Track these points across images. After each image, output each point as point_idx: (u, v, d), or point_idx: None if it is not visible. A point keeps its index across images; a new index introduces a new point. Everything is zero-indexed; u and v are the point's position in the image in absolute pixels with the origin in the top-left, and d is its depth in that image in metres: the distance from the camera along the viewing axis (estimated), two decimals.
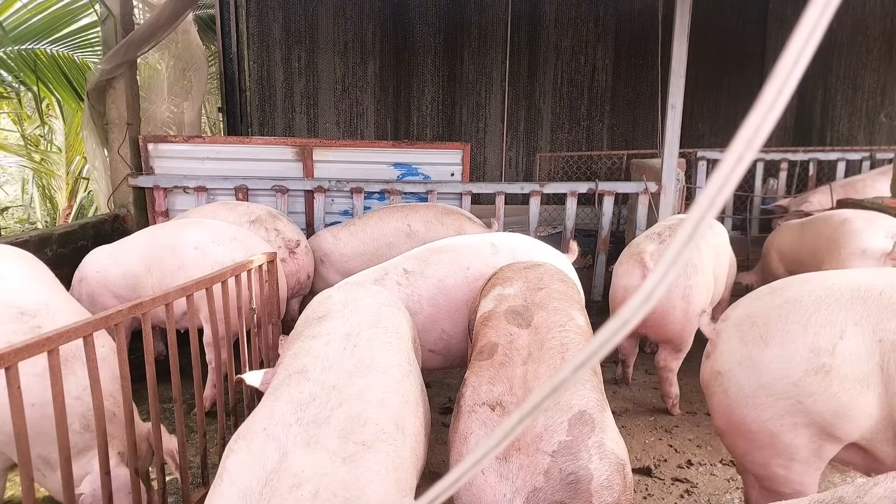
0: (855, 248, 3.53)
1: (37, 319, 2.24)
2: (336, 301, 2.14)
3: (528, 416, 0.55)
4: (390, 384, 1.74)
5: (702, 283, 3.39)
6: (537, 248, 3.17)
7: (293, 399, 1.61)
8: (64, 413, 1.85)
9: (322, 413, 1.56)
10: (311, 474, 1.41)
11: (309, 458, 1.44)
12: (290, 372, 1.74)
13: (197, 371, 2.60)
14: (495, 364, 1.87)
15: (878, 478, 1.10)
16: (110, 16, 4.83)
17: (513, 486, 1.54)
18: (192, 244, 3.44)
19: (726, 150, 0.44)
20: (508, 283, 2.33)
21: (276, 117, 8.35)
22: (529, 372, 1.82)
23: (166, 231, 3.65)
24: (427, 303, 2.93)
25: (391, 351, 1.88)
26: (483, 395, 1.78)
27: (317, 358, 1.77)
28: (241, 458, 1.47)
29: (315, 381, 1.67)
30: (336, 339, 1.86)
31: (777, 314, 2.01)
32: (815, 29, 0.41)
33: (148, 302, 2.24)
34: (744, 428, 2.03)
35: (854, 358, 1.86)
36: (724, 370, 2.09)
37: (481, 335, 2.07)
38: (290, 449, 1.46)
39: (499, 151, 8.65)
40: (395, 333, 1.99)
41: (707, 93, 8.43)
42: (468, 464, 0.57)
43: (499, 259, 3.00)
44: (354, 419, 1.57)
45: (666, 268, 0.47)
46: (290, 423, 1.53)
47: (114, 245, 3.72)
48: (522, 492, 1.54)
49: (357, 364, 1.76)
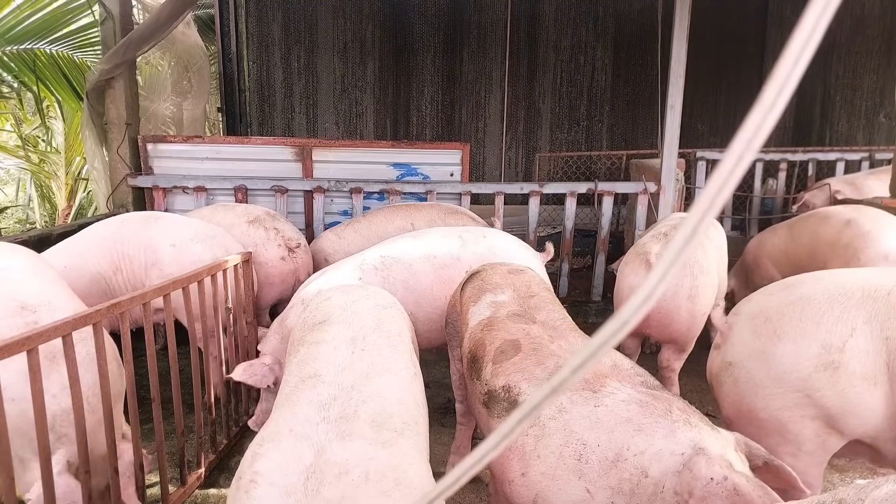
0: (876, 254, 3.45)
1: (36, 315, 2.23)
2: (335, 304, 2.12)
3: (527, 416, 0.55)
4: (403, 385, 1.76)
5: (708, 284, 3.39)
6: (508, 243, 3.27)
7: (313, 400, 1.59)
8: (43, 412, 1.84)
9: (347, 410, 1.55)
10: (357, 460, 1.40)
11: (348, 448, 1.43)
12: (303, 377, 1.71)
13: (175, 370, 2.64)
14: (529, 353, 1.91)
15: (878, 480, 1.10)
16: (109, 16, 4.83)
17: (627, 386, 1.69)
18: (169, 242, 3.39)
19: (726, 151, 0.44)
20: (499, 289, 2.35)
21: (276, 117, 8.35)
22: (563, 346, 1.93)
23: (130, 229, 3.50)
24: (401, 286, 3.11)
25: (397, 355, 1.89)
26: (542, 375, 1.83)
27: (328, 362, 1.75)
28: (272, 457, 1.41)
29: (332, 383, 1.66)
30: (343, 343, 1.85)
31: (791, 310, 2.06)
32: (815, 30, 0.41)
33: (126, 301, 2.27)
34: (753, 416, 2.09)
35: (863, 355, 1.90)
36: (735, 361, 2.15)
37: (489, 339, 2.08)
38: (325, 445, 1.44)
39: (498, 151, 8.66)
40: (398, 336, 1.99)
41: (707, 93, 8.44)
42: (468, 464, 0.57)
43: (465, 251, 3.17)
44: (381, 412, 1.58)
45: (666, 268, 0.47)
46: (317, 422, 1.50)
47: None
48: (637, 385, 1.71)
49: (370, 365, 1.76)
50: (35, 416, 1.84)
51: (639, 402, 1.62)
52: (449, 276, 3.08)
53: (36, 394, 1.82)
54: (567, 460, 1.62)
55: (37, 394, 1.82)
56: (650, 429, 1.55)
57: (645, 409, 1.60)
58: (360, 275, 3.12)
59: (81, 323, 2.03)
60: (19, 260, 2.49)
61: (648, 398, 1.63)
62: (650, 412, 1.59)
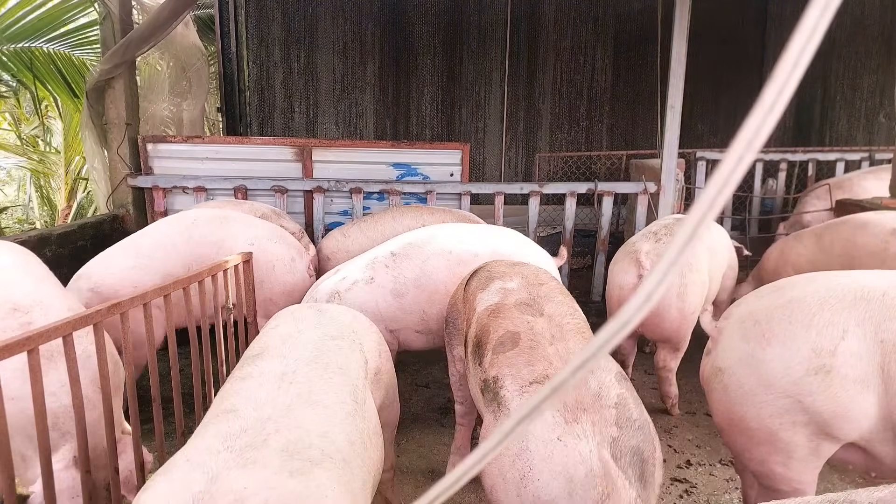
0: None
1: (29, 316, 2.22)
2: (277, 335, 1.91)
3: (526, 417, 0.55)
4: (333, 420, 1.53)
5: (697, 282, 3.40)
6: (523, 243, 3.26)
7: (221, 432, 1.40)
8: (44, 412, 1.85)
9: (256, 440, 1.37)
10: (256, 489, 1.22)
11: (248, 475, 1.25)
12: (217, 412, 1.53)
13: (175, 370, 2.64)
14: (524, 349, 1.90)
15: (893, 486, 1.10)
16: (109, 15, 4.83)
17: (593, 440, 1.60)
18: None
19: (726, 151, 0.44)
20: (507, 277, 2.33)
21: (276, 117, 8.35)
22: (560, 350, 1.89)
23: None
24: (412, 284, 3.08)
25: (332, 388, 1.65)
26: (527, 376, 1.82)
27: (248, 399, 1.55)
28: (159, 489, 1.26)
29: (247, 417, 1.46)
30: (270, 379, 1.63)
31: (780, 313, 2.02)
32: (815, 30, 0.41)
33: (126, 301, 2.26)
34: (743, 425, 2.04)
35: (855, 358, 1.86)
36: (724, 367, 2.10)
37: (493, 327, 2.06)
38: (220, 473, 1.26)
39: (498, 151, 8.66)
40: (336, 370, 1.75)
41: (706, 93, 8.43)
42: (468, 464, 0.57)
43: (482, 248, 3.13)
44: (296, 442, 1.38)
45: (666, 268, 0.47)
46: (219, 451, 1.33)
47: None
48: (604, 444, 1.60)
49: (296, 397, 1.56)
50: (35, 416, 1.83)
51: (587, 470, 1.55)
52: (464, 273, 3.05)
53: (37, 395, 1.82)
54: (509, 477, 1.63)
55: (37, 395, 1.82)
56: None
57: (587, 482, 1.53)
58: (371, 274, 3.12)
59: (82, 323, 2.02)
60: (8, 258, 2.49)
61: (600, 471, 1.55)
62: (588, 487, 1.53)
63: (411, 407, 3.75)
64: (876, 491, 1.10)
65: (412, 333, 3.15)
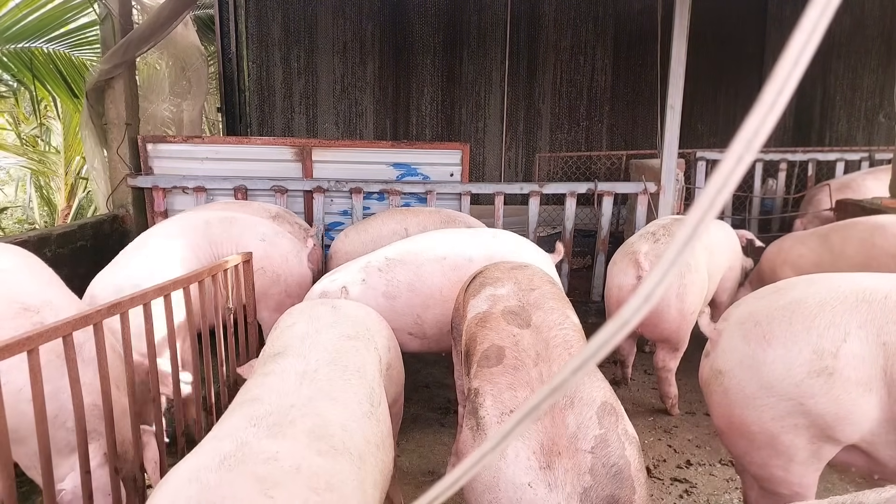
0: None
1: (40, 315, 2.23)
2: (295, 334, 1.96)
3: (525, 418, 0.55)
4: (351, 417, 1.59)
5: (696, 282, 3.40)
6: (519, 244, 3.26)
7: (246, 415, 1.45)
8: (44, 412, 1.85)
9: (283, 420, 1.42)
10: (289, 453, 1.27)
11: (279, 443, 1.30)
12: (241, 402, 1.59)
13: (175, 369, 2.64)
14: (508, 369, 1.84)
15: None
16: (109, 16, 4.83)
17: (564, 492, 1.52)
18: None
19: (726, 151, 0.44)
20: (499, 283, 2.30)
21: (276, 117, 8.35)
22: (543, 373, 1.82)
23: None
24: (405, 288, 3.10)
25: (351, 389, 1.72)
26: (508, 402, 1.76)
27: (272, 389, 1.61)
28: (190, 460, 1.30)
29: (270, 403, 1.52)
30: (291, 375, 1.70)
31: (781, 314, 1.99)
32: (815, 30, 0.41)
33: (126, 301, 2.27)
34: (744, 428, 2.02)
35: (857, 361, 1.84)
36: (724, 369, 2.07)
37: (479, 337, 2.04)
38: (250, 440, 1.31)
39: (498, 151, 8.66)
40: (355, 372, 1.81)
41: (706, 93, 8.44)
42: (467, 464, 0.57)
43: (476, 252, 3.14)
44: (322, 427, 1.43)
45: (665, 268, 0.47)
46: (247, 427, 1.38)
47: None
48: (574, 496, 1.52)
49: (318, 391, 1.62)
50: (35, 417, 1.84)
51: None
52: (459, 278, 3.05)
53: (37, 395, 1.82)
54: (483, 492, 1.60)
55: (37, 395, 1.83)
56: None
57: None
58: (363, 276, 3.13)
59: (82, 323, 2.02)
60: (13, 261, 2.49)
61: None
62: None
63: (411, 407, 3.75)
64: (883, 492, 1.10)
65: (405, 335, 3.16)
